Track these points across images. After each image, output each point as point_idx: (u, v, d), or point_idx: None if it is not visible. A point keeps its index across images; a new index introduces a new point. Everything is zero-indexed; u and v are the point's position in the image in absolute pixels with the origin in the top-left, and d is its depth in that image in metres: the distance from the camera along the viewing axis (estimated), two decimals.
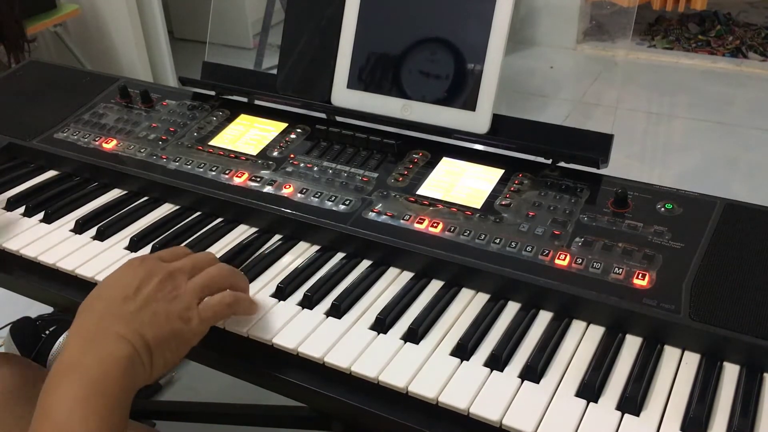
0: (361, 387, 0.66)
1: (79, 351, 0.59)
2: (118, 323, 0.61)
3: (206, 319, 0.65)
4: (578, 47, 3.46)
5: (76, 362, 0.59)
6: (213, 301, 0.67)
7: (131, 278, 0.65)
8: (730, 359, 0.66)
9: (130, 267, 0.67)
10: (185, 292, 0.65)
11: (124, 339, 0.60)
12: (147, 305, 0.62)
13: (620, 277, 0.71)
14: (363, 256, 0.81)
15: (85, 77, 1.17)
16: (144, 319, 0.62)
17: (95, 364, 0.58)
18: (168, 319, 0.63)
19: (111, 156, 0.98)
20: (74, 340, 0.61)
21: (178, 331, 0.63)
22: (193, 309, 0.65)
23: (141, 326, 0.61)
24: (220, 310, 0.67)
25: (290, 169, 0.91)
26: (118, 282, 0.65)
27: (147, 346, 0.61)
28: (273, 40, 2.61)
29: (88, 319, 0.62)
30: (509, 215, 0.80)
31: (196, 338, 0.65)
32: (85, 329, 0.62)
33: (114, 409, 0.57)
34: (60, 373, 0.58)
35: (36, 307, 1.59)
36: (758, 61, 3.25)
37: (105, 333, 0.60)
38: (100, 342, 0.60)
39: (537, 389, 0.64)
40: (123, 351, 0.59)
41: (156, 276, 0.65)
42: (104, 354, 0.59)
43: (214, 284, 0.68)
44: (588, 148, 0.84)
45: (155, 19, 2.88)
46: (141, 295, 0.63)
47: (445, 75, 0.89)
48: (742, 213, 0.76)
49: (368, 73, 0.94)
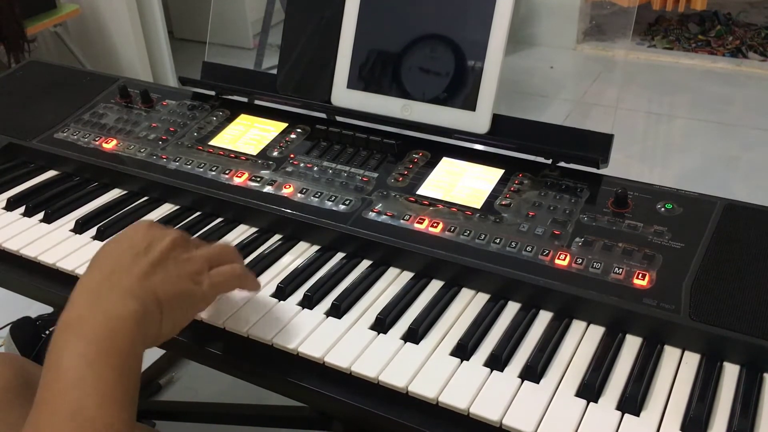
0: (361, 387, 0.66)
1: (86, 306, 0.57)
2: (128, 278, 0.59)
3: (216, 284, 0.65)
4: (578, 47, 3.46)
5: (83, 318, 0.56)
6: (224, 269, 0.67)
7: (143, 235, 0.64)
8: (730, 359, 0.66)
9: (140, 226, 0.65)
10: (197, 255, 0.65)
11: (134, 295, 0.58)
12: (159, 263, 0.62)
13: (620, 277, 0.71)
14: (363, 256, 0.81)
15: (85, 77, 1.17)
16: (155, 275, 0.60)
17: (103, 320, 0.56)
18: (179, 277, 0.62)
19: (111, 156, 0.98)
20: (81, 295, 0.59)
21: (189, 291, 0.62)
22: (204, 273, 0.65)
23: (152, 283, 0.60)
24: (230, 278, 0.67)
25: (290, 169, 0.91)
26: (130, 239, 0.64)
27: (158, 302, 0.59)
28: (273, 40, 2.61)
29: (97, 274, 0.61)
30: (509, 215, 0.80)
31: (205, 302, 0.65)
32: (93, 284, 0.60)
33: (125, 367, 0.55)
34: (66, 330, 0.56)
35: (36, 307, 1.59)
36: (758, 61, 3.25)
37: (114, 288, 0.58)
38: (109, 297, 0.58)
39: (537, 389, 0.64)
40: (132, 306, 0.57)
41: (168, 236, 0.64)
42: (112, 310, 0.57)
43: (222, 256, 0.68)
44: (588, 148, 0.84)
45: (155, 19, 2.88)
46: (153, 252, 0.62)
47: (445, 75, 0.89)
48: (742, 213, 0.77)
49: (368, 72, 0.94)
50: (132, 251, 0.62)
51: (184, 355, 0.74)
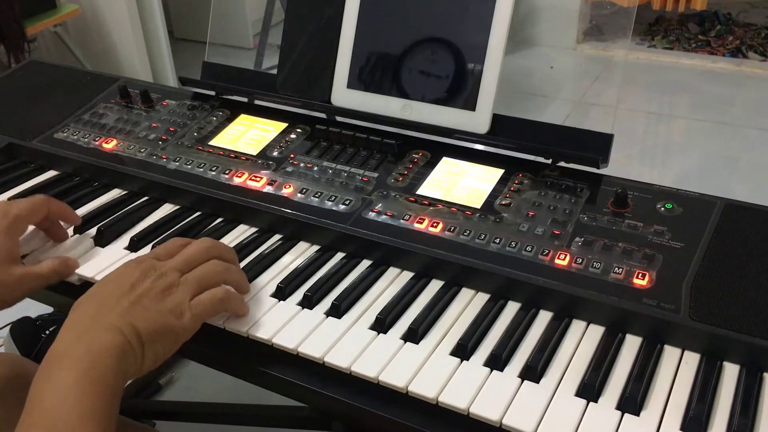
0: (361, 387, 0.66)
1: (71, 341, 0.61)
2: (111, 315, 0.62)
3: (197, 315, 0.67)
4: (578, 47, 3.46)
5: (68, 351, 0.60)
6: (204, 298, 0.68)
7: (126, 277, 0.66)
8: (730, 359, 0.66)
9: (126, 268, 0.68)
10: (178, 289, 0.67)
11: (116, 329, 0.61)
12: (140, 300, 0.64)
13: (620, 276, 0.71)
14: (363, 256, 0.81)
15: (85, 77, 1.17)
16: (136, 312, 0.63)
17: (86, 352, 0.59)
18: (160, 313, 0.64)
19: (111, 156, 0.98)
20: (67, 332, 0.62)
21: (169, 325, 0.64)
22: (185, 304, 0.66)
23: (133, 318, 0.63)
24: (212, 305, 0.68)
25: (290, 169, 0.91)
26: (114, 282, 0.67)
27: (139, 337, 0.62)
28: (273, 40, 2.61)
29: (82, 314, 0.64)
30: (509, 215, 0.80)
31: (188, 333, 0.66)
32: (78, 322, 0.63)
33: (105, 396, 0.58)
34: (51, 361, 0.59)
35: (36, 307, 1.59)
36: (758, 61, 3.25)
37: (97, 324, 0.62)
38: (93, 332, 0.61)
39: (537, 389, 0.64)
40: (114, 340, 0.60)
41: (150, 275, 0.67)
42: (96, 343, 0.60)
43: (206, 281, 0.69)
44: (588, 148, 0.84)
45: (155, 19, 2.88)
46: (135, 292, 0.65)
47: (445, 75, 0.89)
48: (742, 213, 0.77)
49: (368, 73, 0.94)
50: (117, 291, 0.65)
51: (184, 355, 0.74)
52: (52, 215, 0.82)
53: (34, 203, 0.79)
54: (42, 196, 0.81)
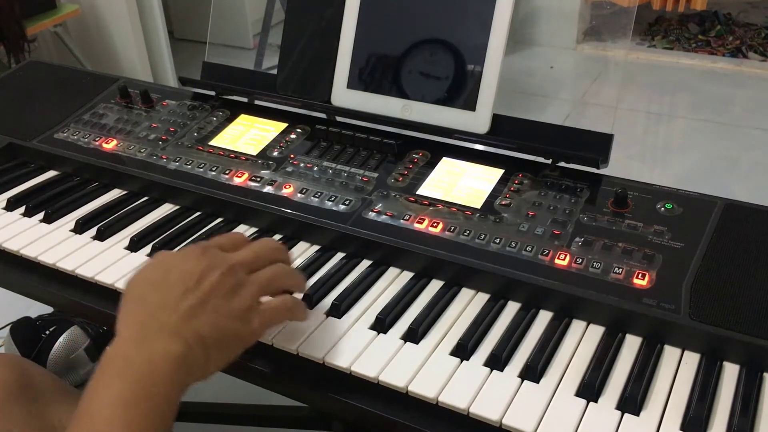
0: (361, 387, 0.66)
1: (130, 344, 0.57)
2: (174, 317, 0.58)
3: (266, 321, 0.63)
4: (578, 47, 3.46)
5: (127, 357, 0.56)
6: (274, 304, 0.64)
7: (192, 267, 0.61)
8: (730, 359, 0.66)
9: (191, 255, 0.63)
10: (247, 290, 0.62)
11: (179, 335, 0.57)
12: (207, 300, 0.60)
13: (620, 276, 0.71)
14: (363, 256, 0.81)
15: (85, 77, 1.17)
16: (203, 315, 0.59)
17: (145, 361, 0.56)
18: (227, 317, 0.60)
19: (111, 156, 0.98)
20: (127, 329, 0.58)
21: (236, 330, 0.61)
22: (254, 309, 0.62)
23: (199, 323, 0.58)
24: (281, 313, 0.65)
25: (290, 169, 0.91)
26: (180, 269, 0.61)
27: (203, 343, 0.58)
28: (273, 40, 2.61)
29: (143, 308, 0.59)
30: (509, 215, 0.80)
31: (253, 339, 0.63)
32: (138, 319, 0.59)
33: (159, 411, 0.55)
34: (108, 366, 0.56)
35: (36, 307, 1.59)
36: (758, 61, 3.25)
37: (159, 327, 0.58)
38: (153, 336, 0.57)
39: (537, 389, 0.64)
40: (176, 349, 0.57)
41: (218, 268, 0.61)
42: (156, 351, 0.56)
43: (275, 284, 0.66)
44: (588, 148, 0.84)
45: (155, 19, 2.88)
46: (201, 288, 0.60)
47: (445, 75, 0.89)
48: (742, 213, 0.77)
49: (368, 73, 0.94)
50: (182, 285, 0.60)
51: None
52: None
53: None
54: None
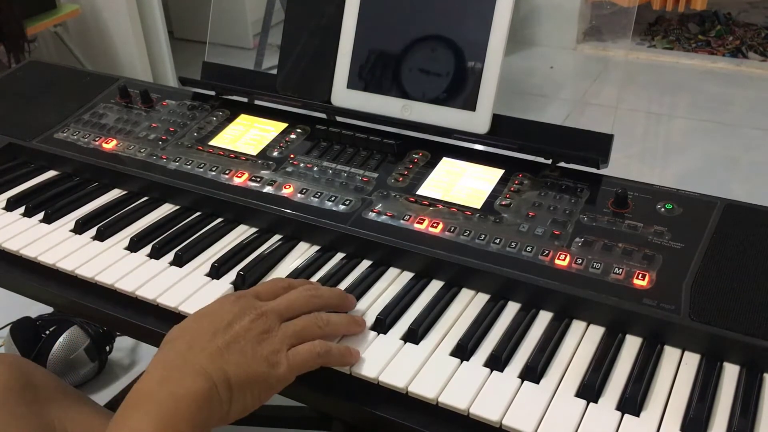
0: (361, 387, 0.66)
1: (157, 381, 0.58)
2: (202, 356, 0.59)
3: (294, 367, 0.63)
4: (578, 47, 3.46)
5: (151, 393, 0.57)
6: (303, 349, 0.64)
7: (225, 313, 0.63)
8: (730, 359, 0.66)
9: (225, 302, 0.65)
10: (276, 335, 0.63)
11: (206, 374, 0.58)
12: (235, 342, 0.61)
13: (620, 277, 0.71)
14: (363, 256, 0.81)
15: (85, 77, 1.17)
16: (230, 356, 0.60)
17: (169, 397, 0.56)
18: (255, 359, 0.60)
19: (111, 156, 0.98)
20: (154, 368, 0.59)
21: (263, 374, 0.61)
22: (282, 353, 0.62)
23: (225, 363, 0.59)
24: (310, 359, 0.64)
25: (290, 169, 0.91)
26: (211, 315, 0.63)
27: (228, 384, 0.59)
28: (273, 40, 2.61)
29: (173, 350, 0.61)
30: (509, 215, 0.80)
31: (281, 385, 0.63)
32: (168, 359, 0.60)
33: None
34: (133, 402, 0.57)
35: (36, 307, 1.59)
36: (758, 61, 3.25)
37: (186, 365, 0.59)
38: (180, 374, 0.58)
39: (537, 389, 0.64)
40: (201, 386, 0.57)
41: (249, 314, 0.63)
42: (180, 388, 0.57)
43: (306, 332, 0.65)
44: (588, 148, 0.84)
45: (155, 19, 2.88)
46: (231, 331, 0.61)
47: (445, 75, 0.89)
48: (742, 213, 0.76)
49: (368, 73, 0.94)
50: (212, 328, 0.61)
51: None
52: None
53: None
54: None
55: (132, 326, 0.77)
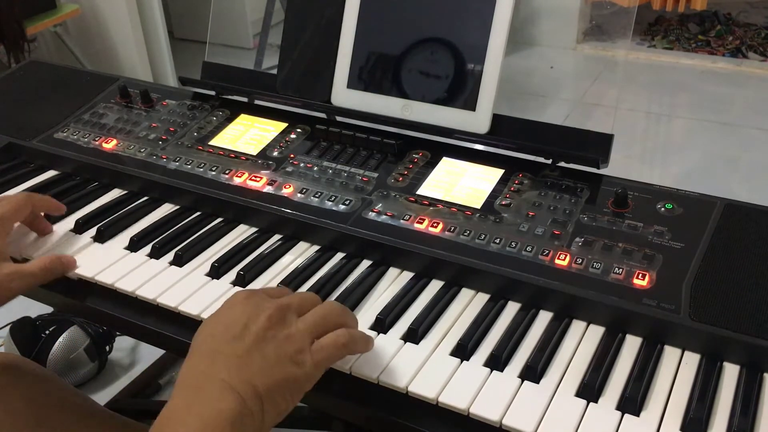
0: (361, 387, 0.66)
1: (184, 403, 0.55)
2: (225, 369, 0.56)
3: (320, 362, 0.60)
4: (578, 47, 3.46)
5: (179, 418, 0.54)
6: (326, 341, 0.61)
7: (238, 314, 0.60)
8: (730, 359, 0.66)
9: (236, 302, 0.62)
10: (297, 330, 0.60)
11: (232, 389, 0.55)
12: (256, 346, 0.58)
13: (620, 277, 0.71)
14: (363, 256, 0.81)
15: (85, 77, 1.17)
16: (254, 364, 0.57)
17: (198, 421, 0.53)
18: (280, 362, 0.58)
19: (111, 156, 0.98)
20: (179, 390, 0.57)
21: (290, 376, 0.58)
22: (306, 351, 0.59)
23: (251, 374, 0.56)
24: (335, 351, 0.62)
25: (290, 169, 0.91)
26: (226, 320, 0.60)
27: (257, 395, 0.56)
28: (273, 40, 2.61)
29: (197, 363, 0.58)
30: (509, 215, 0.80)
31: (310, 383, 0.60)
32: (192, 375, 0.57)
33: None
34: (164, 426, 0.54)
35: (36, 307, 1.59)
36: (758, 61, 3.25)
37: (212, 381, 0.56)
38: (206, 393, 0.55)
39: (537, 389, 0.64)
40: (229, 404, 0.54)
41: (264, 311, 0.60)
42: (208, 409, 0.54)
43: (326, 322, 0.63)
44: (588, 148, 0.84)
45: (155, 19, 2.88)
46: (249, 333, 0.58)
47: (446, 75, 0.89)
48: (742, 213, 0.76)
49: (368, 72, 0.94)
50: (229, 333, 0.58)
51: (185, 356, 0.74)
52: (36, 210, 0.83)
53: (18, 201, 0.80)
54: (24, 193, 0.83)
55: (132, 326, 0.77)
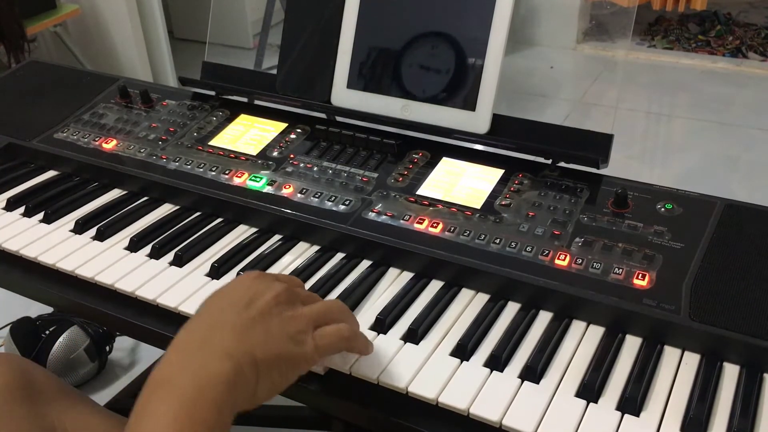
0: (361, 387, 0.66)
1: (178, 366, 0.55)
2: (227, 336, 0.56)
3: (321, 347, 0.60)
4: (578, 47, 3.46)
5: (171, 378, 0.54)
6: (329, 330, 0.62)
7: (245, 290, 0.60)
8: (730, 359, 0.66)
9: (246, 277, 0.63)
10: (301, 314, 0.61)
11: (229, 354, 0.55)
12: (261, 319, 0.58)
13: (620, 277, 0.71)
14: (363, 256, 0.81)
15: (85, 77, 1.17)
16: (256, 334, 0.57)
17: (191, 382, 0.53)
18: (281, 338, 0.58)
19: (111, 156, 0.98)
20: (175, 351, 0.56)
21: (290, 353, 0.58)
22: (309, 333, 0.60)
23: (251, 343, 0.56)
24: (336, 341, 0.62)
25: (290, 169, 0.91)
26: (233, 291, 0.61)
27: (255, 365, 0.56)
28: (273, 40, 2.61)
29: (194, 331, 0.58)
30: (509, 215, 0.80)
31: (307, 365, 0.61)
32: (188, 342, 0.57)
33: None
34: (154, 391, 0.53)
35: (36, 307, 1.59)
36: (758, 61, 3.25)
37: (210, 346, 0.55)
38: (203, 356, 0.55)
39: (537, 389, 0.64)
40: (225, 369, 0.54)
41: (272, 290, 0.60)
42: (204, 371, 0.53)
43: (330, 315, 0.63)
44: (588, 148, 0.84)
45: (155, 19, 2.88)
46: (255, 306, 0.59)
47: (445, 75, 0.89)
48: (742, 213, 0.76)
49: (368, 72, 0.94)
50: (233, 306, 0.59)
51: None
52: None
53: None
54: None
55: (132, 326, 0.77)
